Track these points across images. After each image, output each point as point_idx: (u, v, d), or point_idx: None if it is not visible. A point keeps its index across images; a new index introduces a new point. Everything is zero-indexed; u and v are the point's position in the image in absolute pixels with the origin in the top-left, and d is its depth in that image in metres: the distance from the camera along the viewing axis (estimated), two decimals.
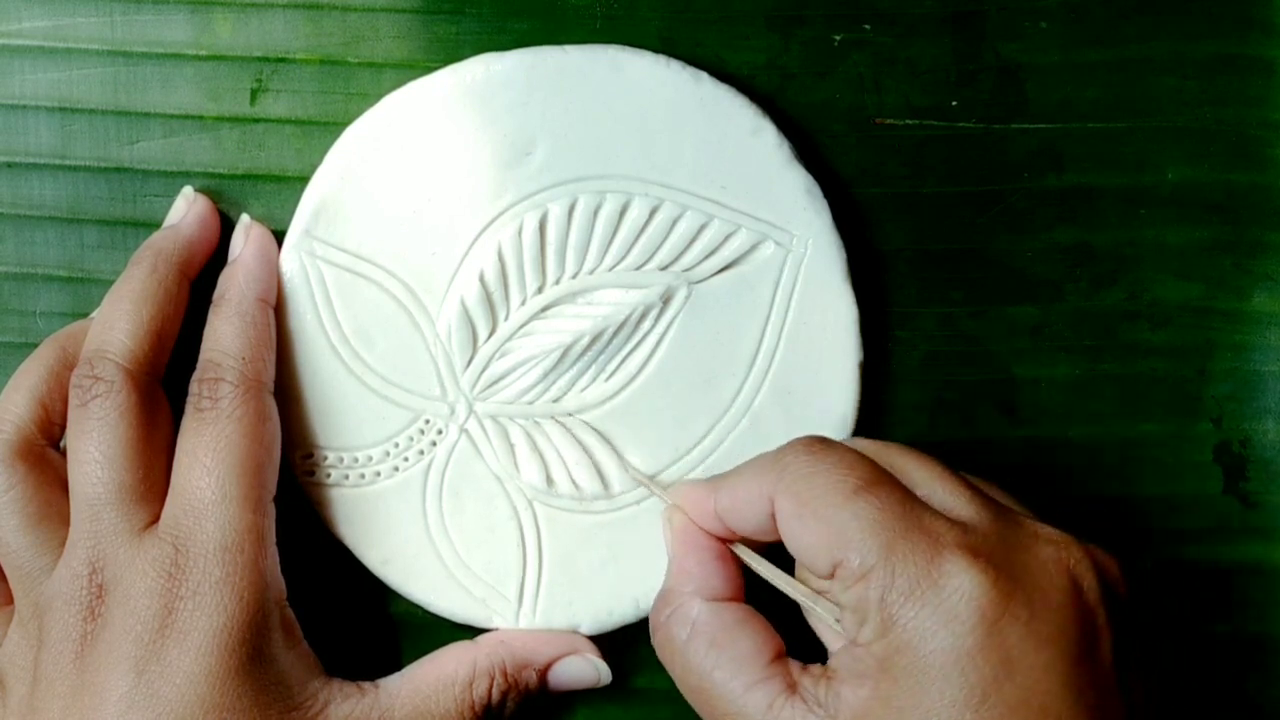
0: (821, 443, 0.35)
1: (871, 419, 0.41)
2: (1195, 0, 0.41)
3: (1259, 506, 0.42)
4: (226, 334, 0.38)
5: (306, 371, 0.40)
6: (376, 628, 0.42)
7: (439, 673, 0.39)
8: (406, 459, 0.40)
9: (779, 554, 0.36)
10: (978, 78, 0.41)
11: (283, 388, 0.40)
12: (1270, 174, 0.41)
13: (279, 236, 0.40)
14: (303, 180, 0.40)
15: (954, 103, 0.41)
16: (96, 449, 0.37)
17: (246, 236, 0.40)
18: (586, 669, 0.40)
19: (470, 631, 0.40)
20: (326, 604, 0.41)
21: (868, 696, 0.32)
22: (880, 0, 0.41)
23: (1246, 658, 0.42)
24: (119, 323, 0.38)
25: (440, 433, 0.40)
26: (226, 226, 0.41)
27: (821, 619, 0.35)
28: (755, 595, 0.37)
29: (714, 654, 0.34)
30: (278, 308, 0.40)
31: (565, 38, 0.41)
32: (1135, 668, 0.33)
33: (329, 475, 0.40)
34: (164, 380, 0.39)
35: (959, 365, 0.42)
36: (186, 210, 0.41)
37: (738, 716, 0.34)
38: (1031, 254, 0.42)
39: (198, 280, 0.40)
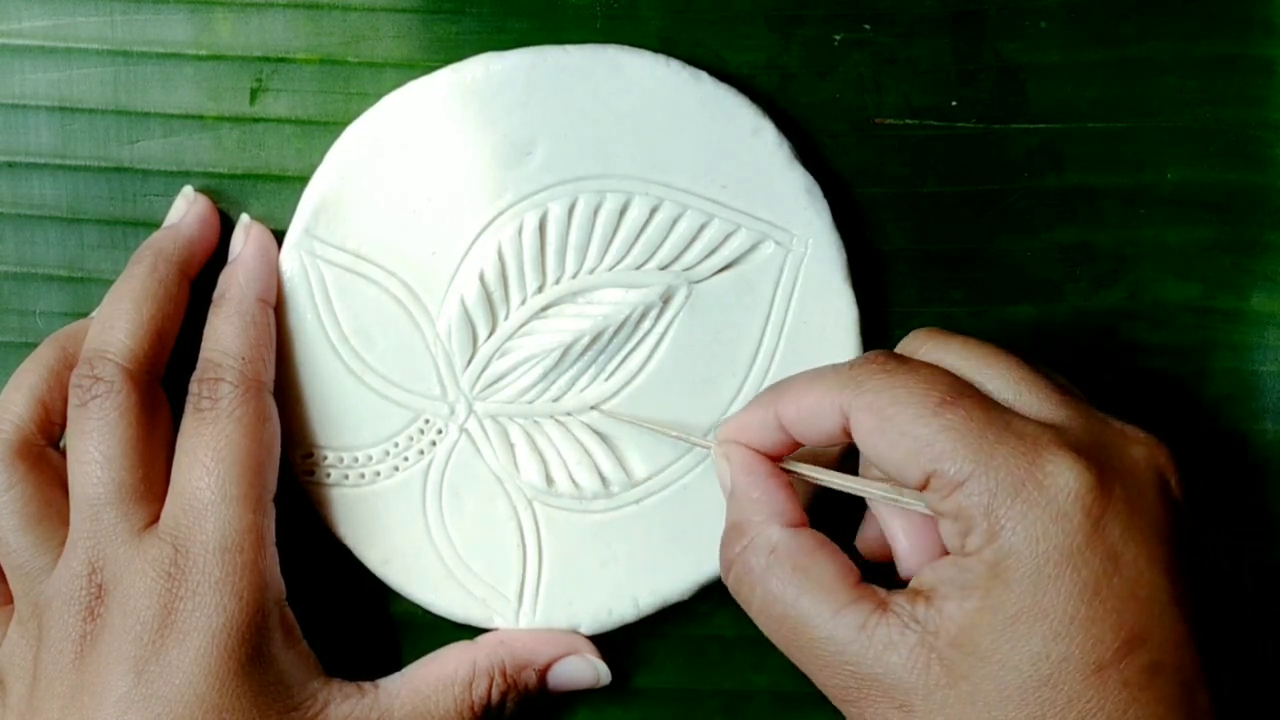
0: (894, 358, 0.35)
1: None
2: (1195, 0, 0.41)
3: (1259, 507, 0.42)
4: (226, 333, 0.38)
5: (306, 371, 0.40)
6: (376, 628, 0.42)
7: (439, 673, 0.39)
8: (406, 459, 0.40)
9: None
10: (978, 78, 0.41)
11: (283, 388, 0.40)
12: (1270, 174, 0.41)
13: (279, 236, 0.40)
14: (303, 180, 0.40)
15: (954, 103, 0.41)
16: (96, 449, 0.37)
17: (246, 236, 0.40)
18: (586, 669, 0.40)
19: (470, 631, 0.40)
20: (326, 604, 0.41)
21: (976, 608, 0.31)
22: (880, 0, 0.41)
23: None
24: (119, 322, 0.38)
25: (440, 432, 0.40)
26: (226, 226, 0.41)
27: (908, 508, 0.34)
28: None
29: (798, 579, 0.34)
30: (278, 307, 0.40)
31: (565, 38, 0.41)
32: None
33: (329, 475, 0.40)
34: (164, 380, 0.39)
35: None
36: (187, 210, 0.41)
37: (828, 642, 0.33)
38: (1031, 254, 0.42)
39: (198, 280, 0.40)
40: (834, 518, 0.38)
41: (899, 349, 0.37)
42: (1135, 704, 0.31)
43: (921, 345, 0.36)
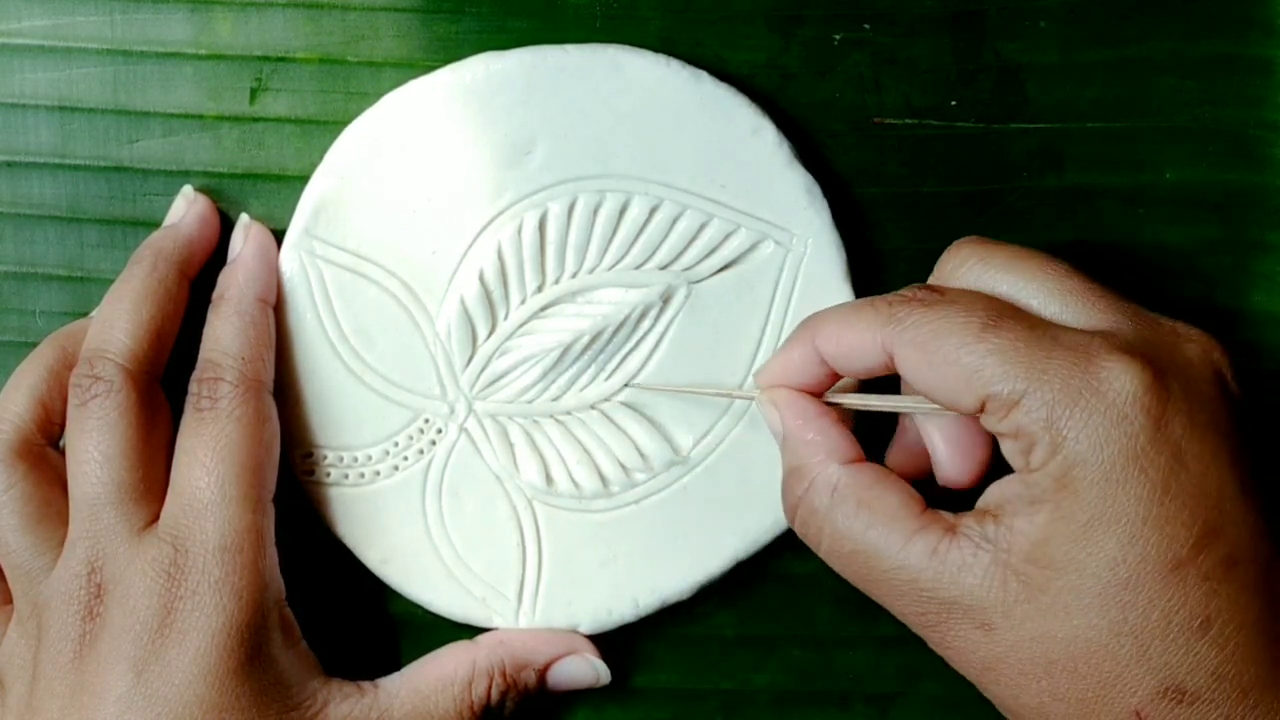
0: (931, 290, 0.35)
1: (872, 417, 0.40)
2: (1195, 0, 0.41)
3: None
4: (226, 334, 0.38)
5: (306, 371, 0.40)
6: (376, 628, 0.42)
7: (438, 672, 0.39)
8: (406, 458, 0.40)
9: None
10: (978, 78, 0.41)
11: (283, 387, 0.40)
12: (1270, 174, 0.41)
13: (279, 236, 0.40)
14: (302, 179, 0.40)
15: (954, 102, 0.41)
16: (96, 448, 0.37)
17: (246, 236, 0.40)
18: (585, 669, 0.40)
19: (470, 631, 0.40)
20: (326, 604, 0.41)
21: (1047, 520, 0.31)
22: (880, 0, 0.41)
23: None
24: (119, 322, 0.38)
25: (440, 432, 0.40)
26: (226, 226, 0.41)
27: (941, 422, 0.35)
28: None
29: (864, 514, 0.34)
30: (277, 307, 0.40)
31: (565, 37, 0.41)
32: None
33: (329, 475, 0.40)
34: (164, 380, 0.39)
35: None
36: (186, 209, 0.41)
37: (900, 571, 0.33)
38: None
39: (198, 280, 0.40)
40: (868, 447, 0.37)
41: (937, 270, 0.37)
42: (1217, 596, 0.31)
43: (961, 265, 0.36)
